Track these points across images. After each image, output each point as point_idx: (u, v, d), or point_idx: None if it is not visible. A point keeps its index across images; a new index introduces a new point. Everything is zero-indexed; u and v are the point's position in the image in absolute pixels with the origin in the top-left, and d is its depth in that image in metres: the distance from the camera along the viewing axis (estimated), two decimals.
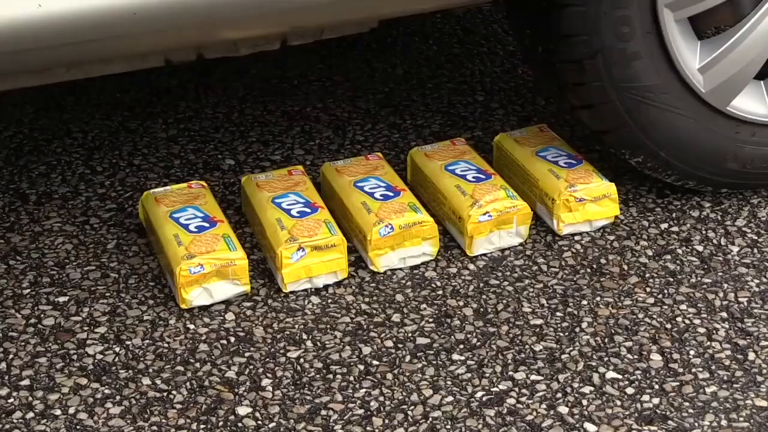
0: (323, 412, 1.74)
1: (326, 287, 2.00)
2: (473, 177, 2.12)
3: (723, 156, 2.13)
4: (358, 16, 1.93)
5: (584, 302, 1.98)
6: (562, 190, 2.09)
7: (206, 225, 2.00)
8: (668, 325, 1.93)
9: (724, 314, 1.95)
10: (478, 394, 1.78)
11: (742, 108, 2.12)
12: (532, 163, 2.18)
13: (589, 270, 2.06)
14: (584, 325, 1.93)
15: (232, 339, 1.89)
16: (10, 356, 1.85)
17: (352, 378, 1.81)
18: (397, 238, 2.01)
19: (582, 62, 2.02)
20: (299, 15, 1.85)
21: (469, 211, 2.04)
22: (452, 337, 1.90)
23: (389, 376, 1.82)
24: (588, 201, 2.11)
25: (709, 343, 1.89)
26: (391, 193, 2.08)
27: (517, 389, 1.79)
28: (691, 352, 1.87)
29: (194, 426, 1.72)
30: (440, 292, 2.00)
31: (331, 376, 1.81)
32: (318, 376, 1.81)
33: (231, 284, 1.94)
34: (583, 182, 2.11)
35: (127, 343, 1.88)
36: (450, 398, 1.77)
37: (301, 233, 1.97)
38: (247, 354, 1.86)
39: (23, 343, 1.87)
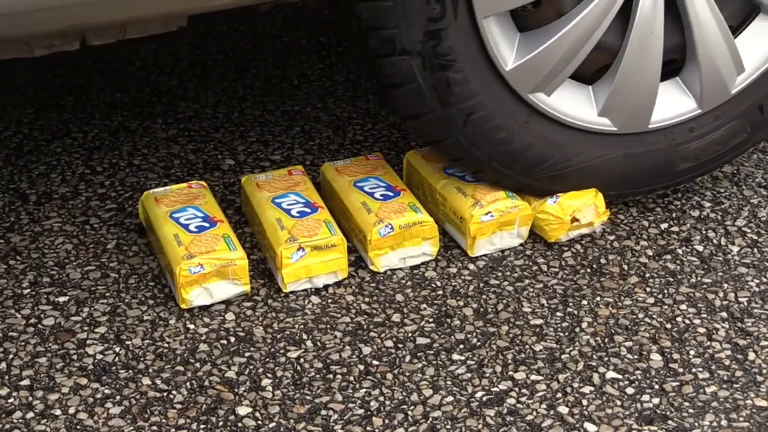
0: (323, 412, 1.74)
1: (326, 287, 2.00)
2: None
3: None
4: (151, 11, 1.79)
5: (584, 302, 1.98)
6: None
7: (206, 225, 2.00)
8: (668, 325, 1.93)
9: (724, 314, 1.95)
10: (478, 394, 1.78)
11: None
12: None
13: (589, 270, 2.06)
14: (584, 325, 1.93)
15: (232, 339, 1.89)
16: (10, 356, 1.85)
17: (352, 378, 1.81)
18: (397, 238, 2.01)
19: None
20: (87, 8, 1.71)
21: (472, 211, 2.04)
22: (452, 337, 1.90)
23: (389, 376, 1.82)
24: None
25: (709, 343, 1.89)
26: (391, 193, 2.08)
27: (517, 389, 1.79)
28: (691, 352, 1.87)
29: (194, 426, 1.72)
30: (440, 292, 2.00)
31: (331, 376, 1.81)
32: (318, 376, 1.81)
33: (231, 284, 1.94)
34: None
35: (127, 343, 1.88)
36: (450, 398, 1.77)
37: (301, 233, 1.97)
38: (247, 354, 1.86)
39: (23, 343, 1.87)
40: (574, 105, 2.05)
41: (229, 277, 1.93)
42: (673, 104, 2.10)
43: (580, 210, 2.08)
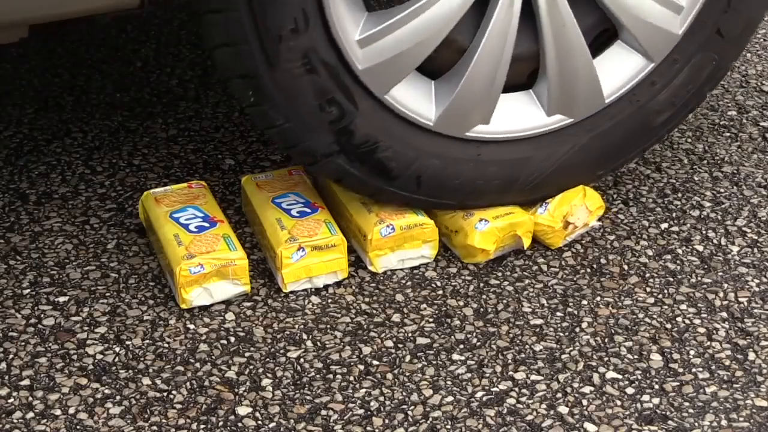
0: (323, 412, 1.74)
1: (326, 287, 2.00)
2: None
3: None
4: None
5: (584, 302, 1.98)
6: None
7: (206, 225, 2.00)
8: (668, 325, 1.93)
9: (724, 314, 1.95)
10: (478, 394, 1.78)
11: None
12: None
13: (589, 270, 2.06)
14: (584, 325, 1.93)
15: (232, 339, 1.89)
16: (10, 356, 1.84)
17: (352, 378, 1.81)
18: (398, 239, 2.01)
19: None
20: None
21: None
22: (452, 337, 1.90)
23: (389, 376, 1.82)
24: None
25: (709, 343, 1.89)
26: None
27: (517, 389, 1.79)
28: (691, 352, 1.87)
29: (194, 426, 1.72)
30: (440, 292, 2.00)
31: (331, 376, 1.81)
32: (318, 376, 1.81)
33: (231, 284, 1.94)
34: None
35: (127, 343, 1.88)
36: (450, 398, 1.77)
37: (301, 233, 1.97)
38: (247, 354, 1.86)
39: (23, 343, 1.87)
40: (520, 118, 2.02)
41: (229, 277, 1.93)
42: (622, 69, 2.05)
43: (571, 213, 2.08)
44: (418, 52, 1.90)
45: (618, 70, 2.05)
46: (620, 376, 1.82)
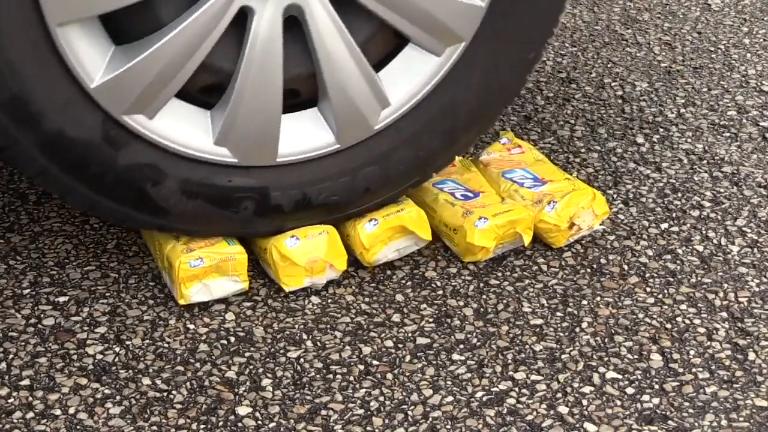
0: (323, 412, 1.74)
1: (326, 287, 2.00)
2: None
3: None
4: None
5: (584, 302, 1.98)
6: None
7: None
8: (668, 325, 1.93)
9: (724, 314, 1.95)
10: (478, 394, 1.78)
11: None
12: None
13: (589, 270, 2.06)
14: (584, 325, 1.93)
15: (232, 339, 1.89)
16: (10, 356, 1.85)
17: (352, 378, 1.81)
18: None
19: None
20: None
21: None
22: (452, 337, 1.90)
23: (389, 376, 1.82)
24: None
25: (709, 343, 1.89)
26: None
27: (517, 389, 1.79)
28: (691, 352, 1.87)
29: (194, 426, 1.72)
30: (440, 292, 2.00)
31: (331, 376, 1.81)
32: (318, 376, 1.81)
33: (230, 281, 1.94)
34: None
35: (127, 343, 1.88)
36: (450, 398, 1.77)
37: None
38: (247, 354, 1.86)
39: (23, 343, 1.87)
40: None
41: (228, 274, 1.93)
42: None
43: (578, 215, 2.07)
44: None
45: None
46: (620, 376, 1.82)
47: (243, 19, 1.79)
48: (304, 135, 1.92)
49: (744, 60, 2.81)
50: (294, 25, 1.83)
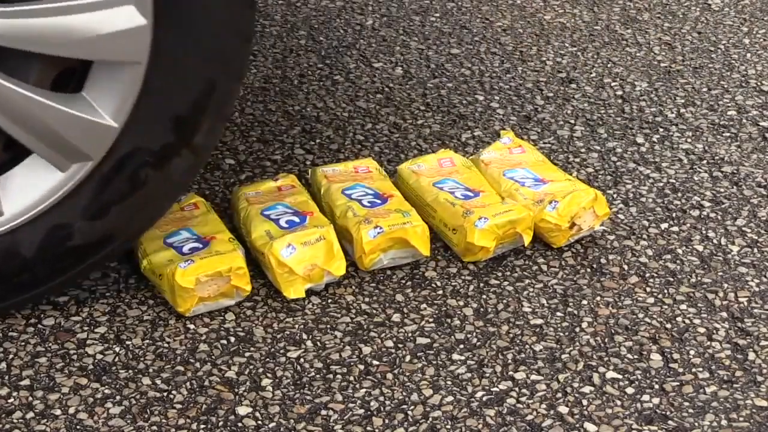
0: (323, 412, 1.74)
1: (326, 287, 2.00)
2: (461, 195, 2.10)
3: None
4: None
5: (584, 302, 1.98)
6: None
7: (200, 246, 1.97)
8: (668, 325, 1.93)
9: (724, 314, 1.95)
10: (478, 394, 1.78)
11: None
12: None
13: (589, 270, 2.06)
14: (584, 325, 1.93)
15: (232, 339, 1.89)
16: (10, 356, 1.85)
17: (352, 378, 1.81)
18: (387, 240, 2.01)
19: None
20: None
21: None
22: (452, 337, 1.90)
23: (389, 376, 1.82)
24: None
25: (709, 343, 1.89)
26: (378, 201, 2.08)
27: (517, 389, 1.79)
28: (691, 352, 1.87)
29: (194, 426, 1.72)
30: (440, 292, 2.00)
31: (331, 376, 1.81)
32: (318, 376, 1.81)
33: (234, 298, 1.94)
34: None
35: (127, 343, 1.88)
36: (450, 398, 1.77)
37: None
38: (247, 354, 1.86)
39: (23, 343, 1.87)
40: None
41: (233, 297, 1.93)
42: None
43: (579, 216, 2.07)
44: None
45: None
46: (620, 376, 1.82)
47: None
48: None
49: (744, 60, 2.81)
50: None
